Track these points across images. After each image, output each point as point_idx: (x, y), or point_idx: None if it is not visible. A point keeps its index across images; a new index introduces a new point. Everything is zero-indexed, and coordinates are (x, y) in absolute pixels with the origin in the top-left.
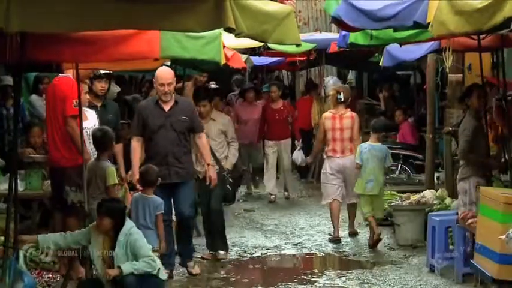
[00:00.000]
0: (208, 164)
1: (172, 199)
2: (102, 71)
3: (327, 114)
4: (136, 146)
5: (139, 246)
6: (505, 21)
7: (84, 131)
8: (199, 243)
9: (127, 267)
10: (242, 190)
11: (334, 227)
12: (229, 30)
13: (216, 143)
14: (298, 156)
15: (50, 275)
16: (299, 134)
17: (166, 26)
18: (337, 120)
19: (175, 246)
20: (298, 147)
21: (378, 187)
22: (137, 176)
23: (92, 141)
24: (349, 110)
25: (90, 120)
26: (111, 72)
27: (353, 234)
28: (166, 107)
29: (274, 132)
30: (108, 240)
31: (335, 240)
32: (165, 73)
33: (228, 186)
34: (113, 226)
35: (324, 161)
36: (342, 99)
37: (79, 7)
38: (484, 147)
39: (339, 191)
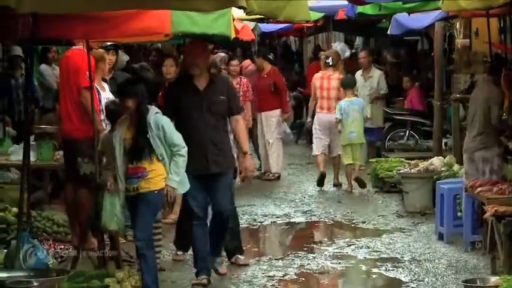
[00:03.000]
0: (245, 153)
1: (209, 192)
2: (108, 43)
3: (318, 74)
4: None
5: (171, 133)
6: None
7: (104, 101)
8: None
9: (172, 182)
10: None
11: (320, 170)
12: (240, 8)
13: None
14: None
15: (62, 246)
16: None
17: (175, 6)
18: (325, 80)
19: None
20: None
21: (360, 136)
22: None
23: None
24: (337, 72)
25: (108, 91)
26: (118, 44)
27: (337, 185)
28: (201, 86)
29: (258, 102)
30: (132, 127)
31: (321, 176)
32: (193, 48)
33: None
34: (137, 107)
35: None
36: (331, 63)
37: None
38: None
39: (325, 145)
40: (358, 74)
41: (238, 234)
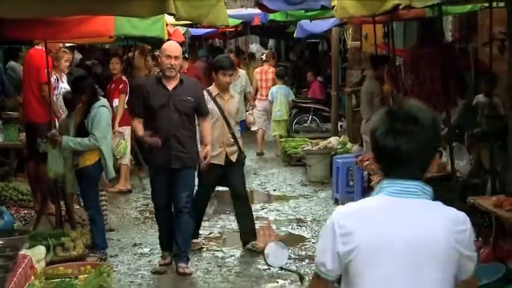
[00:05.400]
0: (206, 145)
1: (172, 186)
2: (68, 45)
3: (257, 69)
4: (139, 126)
5: (95, 123)
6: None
7: (62, 90)
8: None
9: (65, 139)
10: None
11: (259, 146)
12: (171, 14)
13: (234, 123)
14: None
15: (26, 211)
16: None
17: (118, 11)
18: (264, 74)
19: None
20: None
21: (284, 115)
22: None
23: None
24: (271, 67)
25: (65, 82)
26: (74, 45)
27: (261, 154)
28: (170, 86)
29: None
30: (80, 113)
31: (259, 154)
32: (172, 46)
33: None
34: (87, 100)
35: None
36: (264, 58)
37: None
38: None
39: (264, 123)
40: None
41: (252, 220)
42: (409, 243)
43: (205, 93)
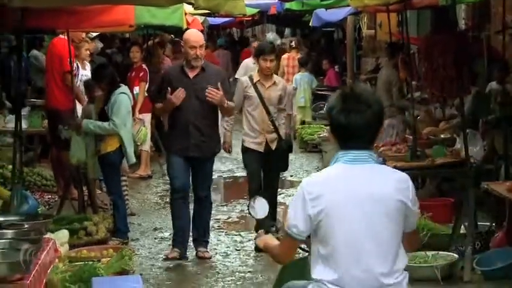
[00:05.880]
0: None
1: (191, 175)
2: (94, 34)
3: (285, 56)
4: (159, 105)
5: (115, 109)
6: None
7: (83, 77)
8: None
9: (85, 122)
10: None
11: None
12: (189, 3)
13: (275, 110)
14: None
15: (50, 196)
16: None
17: (138, 1)
18: (291, 60)
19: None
20: None
21: (307, 101)
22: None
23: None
24: (299, 54)
25: (88, 70)
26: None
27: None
28: (192, 74)
29: None
30: (102, 100)
31: None
32: (195, 35)
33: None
34: (107, 88)
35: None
36: (294, 46)
37: None
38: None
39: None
40: (251, 62)
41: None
42: (366, 202)
43: (247, 79)
